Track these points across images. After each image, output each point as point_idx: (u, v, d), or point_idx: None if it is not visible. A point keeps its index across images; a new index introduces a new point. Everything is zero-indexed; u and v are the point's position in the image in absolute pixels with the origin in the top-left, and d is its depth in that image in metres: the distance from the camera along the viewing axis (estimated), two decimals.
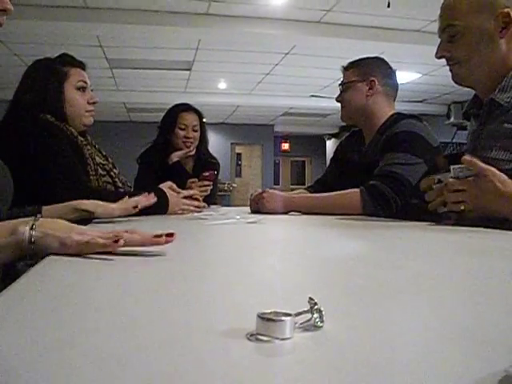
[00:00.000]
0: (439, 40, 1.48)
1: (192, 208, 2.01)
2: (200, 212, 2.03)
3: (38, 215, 0.84)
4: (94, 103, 2.01)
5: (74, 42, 6.59)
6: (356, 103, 2.22)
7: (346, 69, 2.29)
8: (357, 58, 2.31)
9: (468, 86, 1.46)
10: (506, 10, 1.31)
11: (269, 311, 0.39)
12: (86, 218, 1.40)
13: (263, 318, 0.38)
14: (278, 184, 17.64)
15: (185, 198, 2.00)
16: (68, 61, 1.99)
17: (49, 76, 1.91)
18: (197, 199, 2.12)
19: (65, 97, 1.91)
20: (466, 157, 1.19)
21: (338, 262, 0.82)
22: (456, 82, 1.46)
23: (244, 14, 6.14)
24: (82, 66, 2.02)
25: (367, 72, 2.23)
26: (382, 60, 2.30)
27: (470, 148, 1.45)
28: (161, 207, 1.87)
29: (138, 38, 6.67)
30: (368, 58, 2.30)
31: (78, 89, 1.95)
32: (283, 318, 0.38)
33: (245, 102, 11.62)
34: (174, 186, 2.01)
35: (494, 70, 1.35)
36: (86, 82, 1.98)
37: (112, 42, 7.00)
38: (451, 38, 1.41)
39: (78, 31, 6.17)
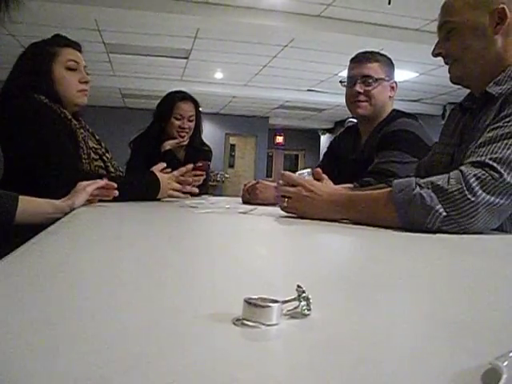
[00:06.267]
0: (437, 39, 1.48)
1: (182, 195, 2.01)
2: (190, 195, 2.04)
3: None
4: (85, 82, 1.97)
5: (72, 25, 6.52)
6: (382, 101, 2.18)
7: (368, 60, 2.18)
8: (364, 50, 2.27)
9: (465, 86, 1.47)
10: (501, 5, 1.31)
11: (256, 297, 0.38)
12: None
13: (250, 303, 0.37)
14: (271, 177, 17.61)
15: (177, 180, 2.01)
16: (59, 41, 1.97)
17: (38, 57, 1.91)
18: (188, 183, 2.11)
19: (54, 76, 1.89)
20: (284, 172, 1.45)
21: (328, 254, 0.82)
22: (454, 82, 1.47)
23: (244, 5, 6.11)
24: (74, 45, 2.00)
25: (391, 73, 2.22)
26: None
27: (457, 141, 1.45)
28: (153, 190, 1.91)
29: (136, 23, 6.61)
30: (385, 56, 2.25)
31: (69, 68, 1.93)
32: (270, 304, 0.38)
33: (241, 93, 11.57)
34: (165, 165, 2.02)
35: (489, 66, 1.35)
36: (76, 62, 1.95)
37: (110, 27, 6.94)
38: (447, 34, 1.41)
39: (75, 13, 6.10)
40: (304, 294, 0.40)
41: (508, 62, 1.33)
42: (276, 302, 0.38)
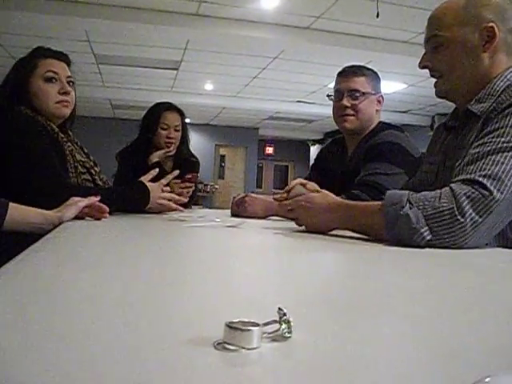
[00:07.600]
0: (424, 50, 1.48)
1: (173, 205, 1.98)
2: (180, 210, 2.02)
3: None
4: (66, 93, 1.93)
5: (62, 36, 6.54)
6: (369, 114, 2.19)
7: (354, 74, 2.19)
8: (351, 64, 2.27)
9: (450, 100, 1.47)
10: (490, 24, 1.30)
11: (236, 320, 0.38)
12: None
13: (231, 326, 0.37)
14: (261, 187, 17.67)
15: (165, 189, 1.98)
16: (41, 52, 1.96)
17: (18, 69, 1.91)
18: (178, 194, 2.10)
19: (31, 89, 1.88)
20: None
21: (315, 272, 0.82)
22: (439, 96, 1.47)
23: (234, 17, 6.15)
24: (56, 56, 1.97)
25: (377, 86, 2.22)
26: None
27: (441, 159, 1.46)
28: (143, 200, 1.89)
29: (126, 34, 6.63)
30: (372, 70, 2.25)
31: (47, 79, 1.90)
32: (250, 327, 0.38)
33: (231, 105, 11.62)
34: (153, 175, 1.98)
35: (474, 84, 1.35)
36: (55, 73, 1.91)
37: (100, 38, 6.95)
38: (435, 48, 1.40)
39: (66, 25, 6.11)
40: (285, 317, 0.40)
41: (490, 79, 1.34)
42: (257, 325, 0.38)
